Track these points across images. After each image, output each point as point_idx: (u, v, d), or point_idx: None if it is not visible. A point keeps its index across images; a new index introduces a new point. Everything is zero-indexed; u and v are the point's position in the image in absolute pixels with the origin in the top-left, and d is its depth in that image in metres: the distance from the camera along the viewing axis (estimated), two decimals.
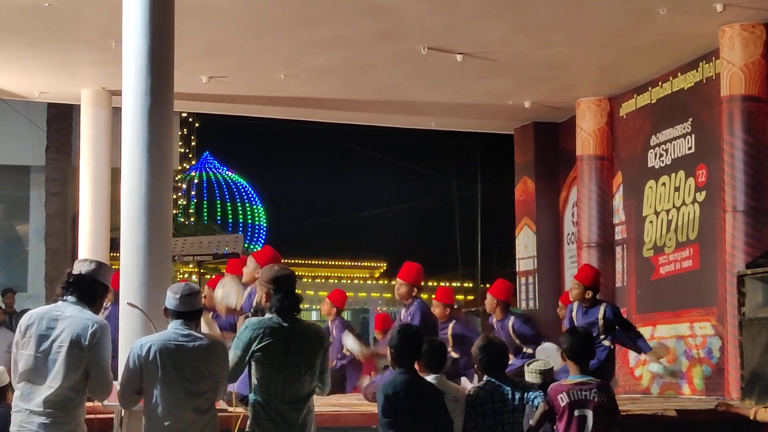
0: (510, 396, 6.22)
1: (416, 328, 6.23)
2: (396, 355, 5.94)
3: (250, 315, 6.89)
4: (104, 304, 10.08)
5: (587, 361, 6.51)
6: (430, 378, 6.12)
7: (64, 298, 5.45)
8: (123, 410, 5.78)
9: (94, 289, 5.51)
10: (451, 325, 9.86)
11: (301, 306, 5.67)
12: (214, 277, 10.89)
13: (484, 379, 6.35)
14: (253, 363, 5.47)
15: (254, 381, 5.49)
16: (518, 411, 6.24)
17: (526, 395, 6.25)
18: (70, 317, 5.34)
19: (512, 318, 9.79)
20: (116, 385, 5.66)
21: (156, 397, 5.25)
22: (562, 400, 6.25)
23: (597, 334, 9.22)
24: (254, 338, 5.45)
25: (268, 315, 5.57)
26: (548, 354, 9.11)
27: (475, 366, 6.51)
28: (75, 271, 5.52)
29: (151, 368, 5.26)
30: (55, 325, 5.32)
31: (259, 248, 9.79)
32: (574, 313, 9.44)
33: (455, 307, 10.58)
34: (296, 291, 5.68)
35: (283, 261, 8.45)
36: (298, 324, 5.58)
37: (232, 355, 5.51)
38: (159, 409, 5.25)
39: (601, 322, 9.23)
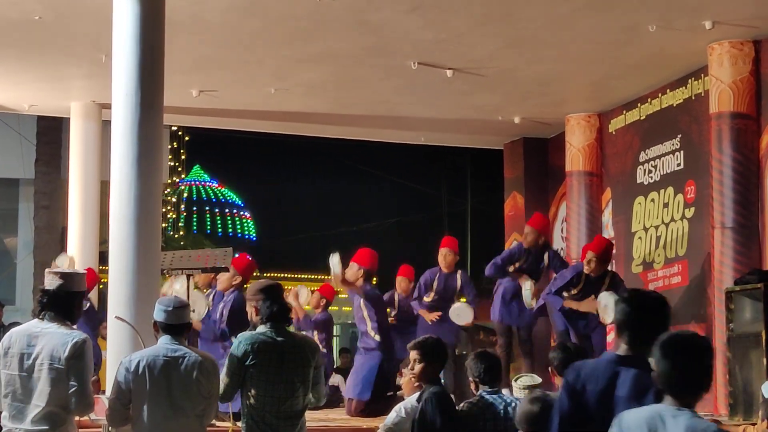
0: (502, 411, 6.22)
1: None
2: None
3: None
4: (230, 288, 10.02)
5: None
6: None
7: (41, 316, 5.38)
8: (110, 427, 5.74)
9: (70, 302, 5.43)
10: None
11: (290, 315, 5.68)
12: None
13: (477, 394, 6.34)
14: (247, 379, 5.40)
15: (249, 397, 5.42)
16: (509, 427, 6.23)
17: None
18: (49, 334, 5.28)
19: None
20: (104, 400, 5.63)
21: (144, 412, 5.22)
22: None
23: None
24: (248, 353, 5.40)
25: (260, 328, 5.52)
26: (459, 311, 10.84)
27: (470, 380, 6.51)
28: (47, 287, 5.42)
29: (139, 384, 5.23)
30: (36, 342, 5.26)
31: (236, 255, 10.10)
32: (435, 280, 10.97)
33: None
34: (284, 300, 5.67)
35: (270, 274, 8.52)
36: (290, 337, 5.55)
37: (227, 374, 5.44)
38: (146, 424, 5.22)
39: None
